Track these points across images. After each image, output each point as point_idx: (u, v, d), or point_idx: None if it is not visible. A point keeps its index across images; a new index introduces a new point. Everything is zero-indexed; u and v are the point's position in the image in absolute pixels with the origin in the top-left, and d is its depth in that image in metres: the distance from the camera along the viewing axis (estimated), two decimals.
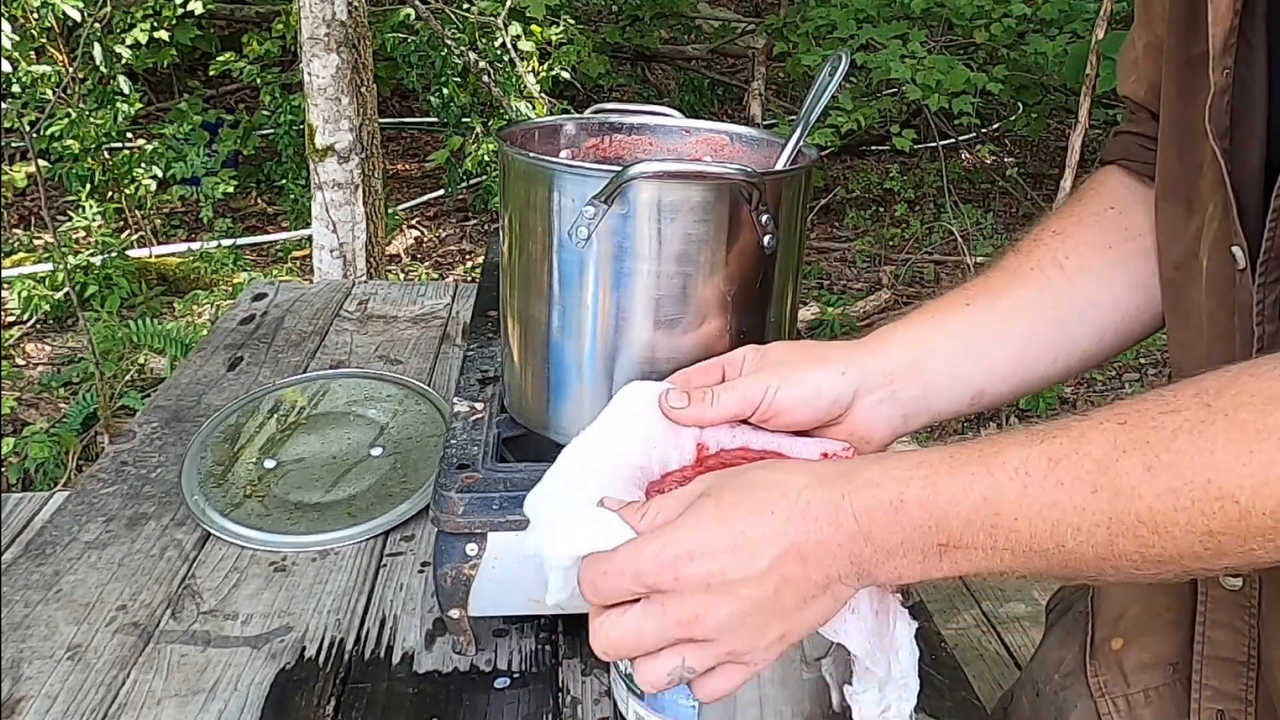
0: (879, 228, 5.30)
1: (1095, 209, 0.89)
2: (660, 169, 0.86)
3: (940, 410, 0.82)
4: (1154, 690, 0.86)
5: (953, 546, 0.60)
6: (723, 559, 0.60)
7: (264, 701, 0.94)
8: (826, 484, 0.62)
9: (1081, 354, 0.87)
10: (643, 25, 6.46)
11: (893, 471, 0.61)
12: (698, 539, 0.61)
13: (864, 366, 0.79)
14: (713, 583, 0.60)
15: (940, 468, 0.60)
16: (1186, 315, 0.78)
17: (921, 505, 0.60)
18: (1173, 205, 0.79)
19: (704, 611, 0.60)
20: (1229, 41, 0.69)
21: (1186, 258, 0.77)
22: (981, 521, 0.59)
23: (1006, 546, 0.59)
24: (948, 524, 0.59)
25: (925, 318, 0.84)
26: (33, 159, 3.99)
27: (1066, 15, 4.59)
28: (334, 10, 3.06)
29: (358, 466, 1.30)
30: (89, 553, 1.15)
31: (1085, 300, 0.85)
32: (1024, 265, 0.86)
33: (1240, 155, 0.70)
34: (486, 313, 1.28)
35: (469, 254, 5.07)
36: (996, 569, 0.61)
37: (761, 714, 0.77)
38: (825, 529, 0.60)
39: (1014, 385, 0.85)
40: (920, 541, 0.60)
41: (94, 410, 3.29)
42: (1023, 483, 0.58)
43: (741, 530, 0.61)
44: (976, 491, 0.59)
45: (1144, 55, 0.88)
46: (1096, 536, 0.57)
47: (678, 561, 0.60)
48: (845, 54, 0.92)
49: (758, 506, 0.61)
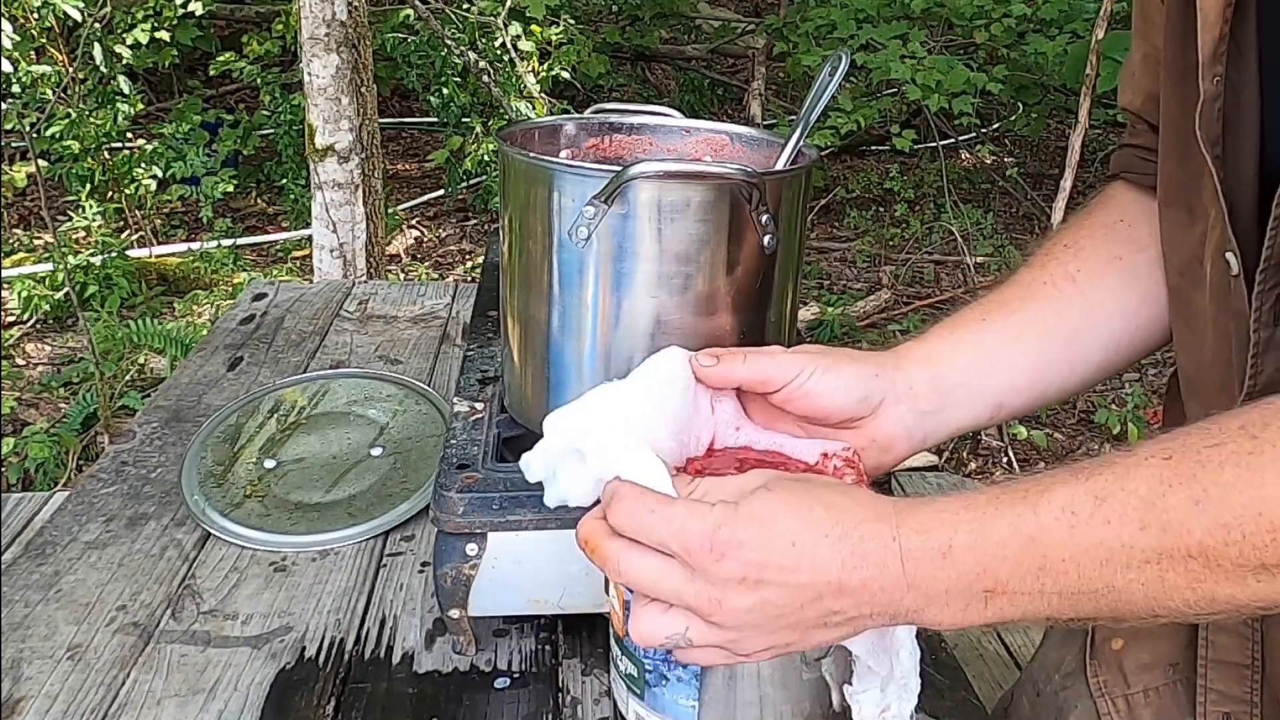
0: (879, 228, 5.30)
1: (1104, 221, 0.90)
2: (660, 169, 0.86)
3: (961, 424, 0.82)
4: (1154, 690, 0.86)
5: (999, 593, 0.59)
6: (769, 561, 0.60)
7: (264, 701, 0.94)
8: (882, 519, 0.61)
9: (1097, 364, 0.87)
10: (643, 25, 6.45)
11: (941, 515, 0.61)
12: (753, 535, 0.60)
13: (891, 375, 0.79)
14: (749, 578, 0.60)
15: (986, 509, 0.60)
16: (1192, 321, 0.79)
17: (969, 550, 0.59)
18: (1176, 212, 0.79)
19: (729, 600, 0.60)
20: (1218, 49, 0.69)
21: (1191, 264, 0.77)
22: (1029, 565, 0.58)
23: (1054, 590, 0.58)
24: (995, 569, 0.59)
25: (942, 334, 0.85)
26: (33, 159, 3.99)
27: (1066, 15, 4.58)
28: (334, 10, 3.06)
29: (358, 466, 1.30)
30: (89, 553, 1.15)
31: (1098, 311, 0.86)
32: (1036, 279, 0.87)
33: (1233, 161, 0.71)
34: (486, 313, 1.28)
35: (469, 254, 5.07)
36: (1042, 613, 0.60)
37: (761, 714, 0.77)
38: (871, 569, 0.60)
39: (1032, 397, 0.86)
40: (966, 588, 0.59)
41: (94, 410, 3.29)
42: (1069, 522, 0.57)
43: (794, 542, 0.60)
44: (1024, 533, 0.58)
45: (1140, 67, 0.89)
46: (1146, 574, 0.56)
47: (728, 547, 0.60)
48: (845, 54, 0.92)
49: (816, 524, 0.61)
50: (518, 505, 0.93)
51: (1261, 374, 0.71)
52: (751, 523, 0.61)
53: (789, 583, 0.60)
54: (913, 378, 0.80)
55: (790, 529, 0.61)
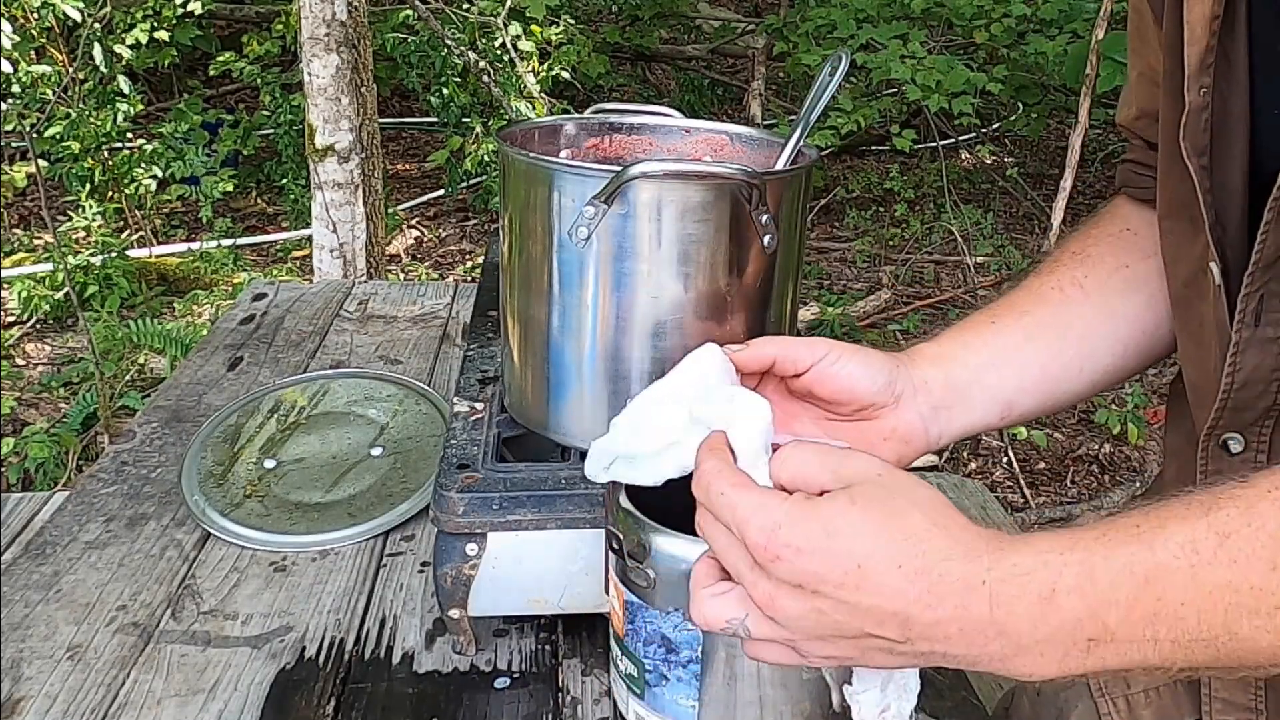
0: (879, 228, 5.29)
1: (1111, 230, 0.92)
2: (660, 169, 0.86)
3: (971, 423, 0.82)
4: (1154, 691, 0.86)
5: (1104, 641, 0.54)
6: (828, 575, 0.56)
7: (264, 701, 0.94)
8: (972, 558, 0.56)
9: (1105, 368, 0.88)
10: (643, 25, 6.45)
11: (1044, 556, 0.55)
12: (816, 544, 0.56)
13: (907, 370, 0.80)
14: (804, 586, 0.57)
15: (1095, 549, 0.55)
16: (1197, 332, 0.79)
17: (1076, 594, 0.54)
18: (1178, 224, 0.79)
19: (780, 600, 0.57)
20: (1205, 61, 0.70)
21: (1196, 274, 0.78)
22: (1143, 610, 0.53)
23: (1169, 637, 0.53)
24: (1103, 615, 0.53)
25: (952, 336, 0.85)
26: (33, 159, 3.99)
27: (1066, 15, 4.58)
28: (334, 10, 3.05)
29: (358, 466, 1.30)
30: (89, 553, 1.15)
31: (1105, 316, 0.87)
32: (1045, 285, 0.88)
33: (1221, 171, 0.71)
34: (486, 313, 1.28)
35: (469, 254, 5.06)
36: (1150, 662, 0.55)
37: (761, 714, 0.77)
38: (948, 610, 0.55)
39: (1041, 398, 0.86)
40: (1067, 638, 0.54)
41: (94, 410, 3.28)
42: (1190, 561, 0.53)
43: (860, 562, 0.56)
44: (1138, 574, 0.53)
45: (1136, 83, 0.91)
46: (1276, 621, 0.52)
47: (784, 550, 0.56)
48: (845, 54, 0.92)
49: (891, 547, 0.56)
50: (518, 505, 0.93)
51: (1239, 372, 0.71)
52: (818, 531, 0.57)
53: (847, 601, 0.56)
54: (926, 375, 0.81)
55: (859, 549, 0.56)
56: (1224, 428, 0.75)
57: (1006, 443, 3.38)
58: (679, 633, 0.75)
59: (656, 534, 0.74)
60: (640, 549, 0.74)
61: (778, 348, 0.75)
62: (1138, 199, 0.92)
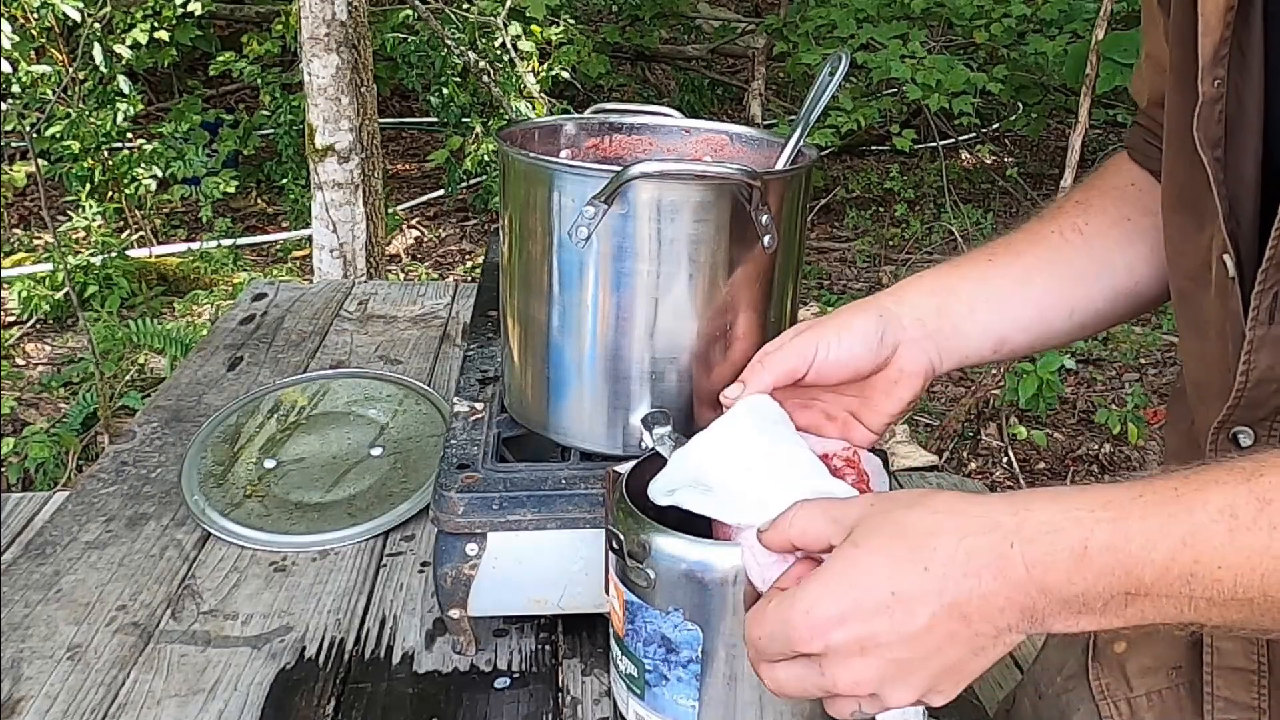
0: (879, 228, 5.29)
1: (1116, 184, 0.92)
2: (660, 169, 0.86)
3: (965, 354, 0.84)
4: (1156, 694, 0.86)
5: (1141, 595, 0.55)
6: (874, 622, 0.57)
7: (264, 701, 0.94)
8: (989, 531, 0.57)
9: (1096, 313, 0.89)
10: (643, 25, 6.45)
11: (1073, 513, 0.56)
12: (845, 600, 0.57)
13: (896, 311, 0.81)
14: (866, 645, 0.57)
15: (1131, 508, 0.55)
16: (1201, 326, 0.78)
17: (1110, 551, 0.55)
18: (1183, 217, 0.79)
19: (862, 676, 0.58)
20: (1219, 52, 0.69)
21: (1200, 268, 0.77)
22: (1179, 570, 0.54)
23: (1205, 596, 0.54)
24: (1139, 572, 0.54)
25: (950, 270, 0.87)
26: (33, 159, 3.99)
27: (1066, 15, 4.58)
28: (334, 10, 3.05)
29: (358, 466, 1.30)
30: (89, 553, 1.15)
31: (1102, 263, 0.88)
32: (1045, 229, 0.90)
33: (1235, 164, 0.70)
34: (486, 313, 1.28)
35: (469, 254, 5.06)
36: (1187, 620, 0.56)
37: (761, 714, 0.77)
38: (990, 583, 0.56)
39: (1033, 337, 0.88)
40: (1105, 591, 0.55)
41: (94, 410, 3.28)
42: (1228, 526, 0.53)
43: (891, 590, 0.57)
44: (1175, 535, 0.54)
45: (1146, 65, 0.91)
46: None
47: (827, 626, 0.58)
48: (845, 54, 0.92)
49: (907, 561, 0.57)
50: (518, 505, 0.93)
51: (1254, 370, 0.71)
52: (839, 589, 0.58)
53: (908, 632, 0.57)
54: (918, 308, 0.82)
55: (885, 581, 0.57)
56: (1235, 422, 0.74)
57: (1006, 442, 3.38)
58: (679, 633, 0.75)
59: (656, 534, 0.73)
60: (640, 549, 0.74)
61: (772, 374, 0.77)
62: (1142, 164, 0.92)
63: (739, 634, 0.73)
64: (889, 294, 0.84)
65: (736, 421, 0.77)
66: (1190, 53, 0.74)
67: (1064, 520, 0.56)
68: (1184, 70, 0.76)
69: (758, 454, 0.73)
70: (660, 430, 0.83)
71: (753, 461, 0.73)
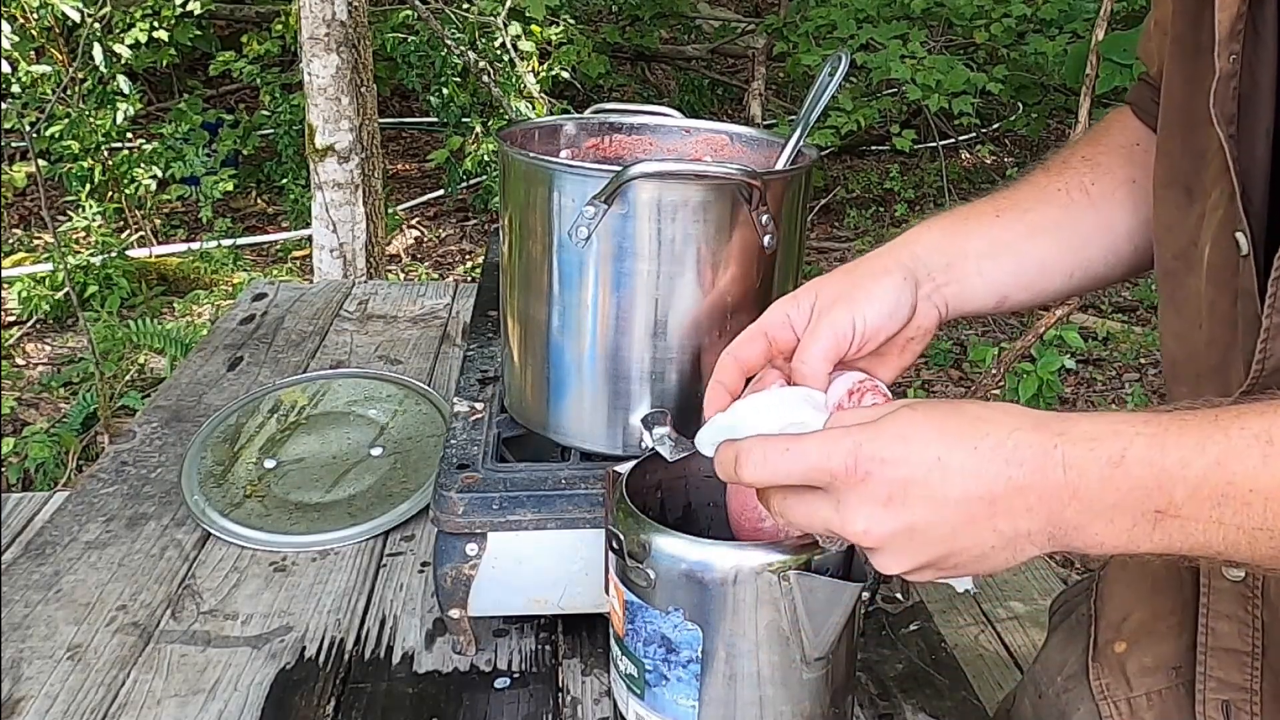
0: (879, 228, 5.30)
1: (1122, 143, 0.92)
2: (660, 169, 0.86)
3: (971, 307, 0.85)
4: (1156, 694, 0.86)
5: (1171, 515, 0.55)
6: (913, 475, 0.58)
7: (264, 701, 0.94)
8: (1039, 428, 0.58)
9: (1095, 274, 0.90)
10: (643, 25, 6.45)
11: (1114, 426, 0.57)
12: (895, 449, 0.59)
13: (912, 266, 0.82)
14: (894, 496, 0.58)
15: (1170, 425, 0.56)
16: (1184, 305, 0.78)
17: (1145, 464, 0.55)
18: (1173, 194, 0.79)
19: (875, 526, 0.59)
20: (1236, 27, 0.69)
21: (1187, 247, 0.77)
22: (1210, 490, 0.54)
23: (1234, 522, 0.54)
24: (1171, 489, 0.55)
25: (958, 224, 0.88)
26: (33, 159, 3.99)
27: (1066, 15, 4.58)
28: (334, 10, 3.05)
29: (358, 466, 1.30)
30: (89, 553, 1.15)
31: (1106, 225, 0.89)
32: (1052, 185, 0.90)
33: (1246, 142, 0.70)
34: (486, 313, 1.28)
35: (469, 254, 5.07)
36: (1213, 546, 0.56)
37: (761, 714, 0.77)
38: (1028, 475, 0.57)
39: (1034, 294, 0.89)
40: (1136, 506, 0.56)
41: (94, 410, 3.29)
42: (1264, 451, 0.54)
43: (939, 455, 0.58)
44: (1211, 455, 0.54)
45: (1156, 31, 0.90)
46: None
47: (871, 464, 0.58)
48: (845, 54, 0.92)
49: (962, 436, 0.58)
50: (518, 505, 0.93)
51: (1270, 358, 0.70)
52: (894, 439, 0.59)
53: (936, 499, 0.58)
54: (930, 262, 0.83)
55: (935, 444, 0.58)
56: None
57: None
58: (679, 633, 0.75)
59: (656, 534, 0.73)
60: (640, 549, 0.74)
61: (813, 364, 0.77)
62: (1144, 122, 0.92)
63: (739, 634, 0.73)
64: (901, 247, 0.84)
65: (780, 390, 0.77)
66: (1194, 27, 0.73)
67: (1105, 431, 0.57)
68: (1187, 44, 0.76)
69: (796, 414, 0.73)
70: (660, 430, 0.83)
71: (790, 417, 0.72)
